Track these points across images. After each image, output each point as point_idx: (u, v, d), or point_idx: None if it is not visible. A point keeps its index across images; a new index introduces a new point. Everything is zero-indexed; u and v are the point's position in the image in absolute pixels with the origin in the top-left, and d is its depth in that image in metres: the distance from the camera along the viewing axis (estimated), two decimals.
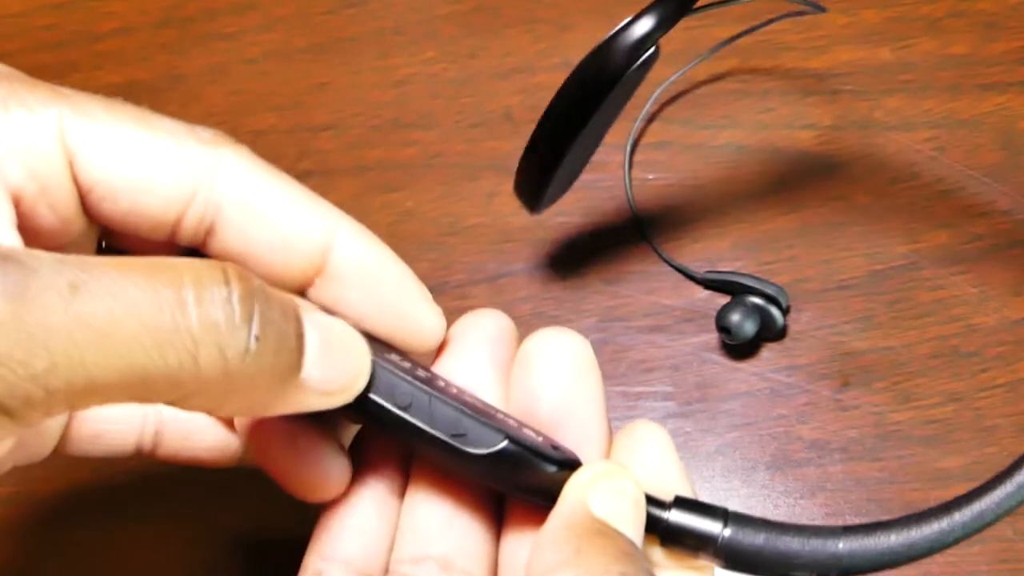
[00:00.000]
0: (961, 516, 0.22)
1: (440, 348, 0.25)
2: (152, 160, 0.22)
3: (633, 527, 0.22)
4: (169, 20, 0.48)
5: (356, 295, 0.24)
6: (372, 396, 0.22)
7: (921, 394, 0.35)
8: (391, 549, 0.24)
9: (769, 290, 0.36)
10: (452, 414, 0.22)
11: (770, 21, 0.40)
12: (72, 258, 0.18)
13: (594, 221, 0.40)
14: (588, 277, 0.39)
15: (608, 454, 0.24)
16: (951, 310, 0.37)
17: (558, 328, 0.24)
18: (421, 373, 0.23)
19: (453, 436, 0.22)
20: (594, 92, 0.32)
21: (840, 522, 0.33)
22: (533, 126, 0.33)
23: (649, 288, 0.39)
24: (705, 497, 0.34)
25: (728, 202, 0.40)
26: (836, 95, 0.42)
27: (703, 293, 0.38)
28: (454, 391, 0.23)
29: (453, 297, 0.39)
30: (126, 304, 0.17)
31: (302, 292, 0.24)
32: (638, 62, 0.32)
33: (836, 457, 0.34)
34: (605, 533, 0.21)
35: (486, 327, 0.25)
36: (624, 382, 0.37)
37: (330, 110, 0.44)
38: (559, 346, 0.24)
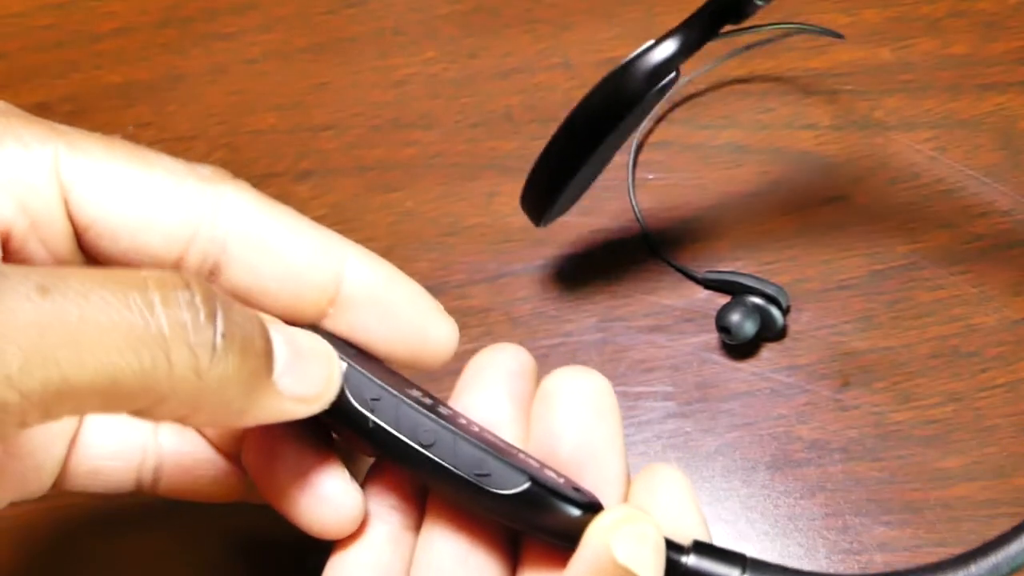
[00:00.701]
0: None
1: (459, 382, 0.25)
2: (151, 198, 0.23)
3: (654, 572, 0.22)
4: (169, 20, 0.48)
5: (370, 319, 0.24)
6: (397, 434, 0.22)
7: (921, 394, 0.35)
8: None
9: (769, 290, 0.36)
10: (476, 453, 0.22)
11: (786, 35, 0.40)
12: (39, 267, 0.18)
13: (594, 221, 0.40)
14: (588, 277, 0.39)
15: (627, 496, 0.24)
16: (951, 310, 0.37)
17: (579, 367, 0.25)
18: (443, 410, 0.23)
19: (477, 476, 0.22)
20: (611, 114, 0.32)
21: (841, 523, 0.33)
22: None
23: (649, 288, 0.39)
24: (705, 497, 0.35)
25: (728, 202, 0.40)
26: (836, 95, 0.42)
27: (703, 293, 0.38)
28: (476, 429, 0.23)
29: (453, 297, 0.39)
30: (96, 305, 0.17)
31: (317, 322, 0.24)
32: (658, 86, 0.31)
33: (836, 457, 0.34)
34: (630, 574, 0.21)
35: (505, 362, 0.25)
36: (624, 382, 0.37)
37: (330, 110, 0.44)
38: (581, 386, 0.24)
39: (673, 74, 0.32)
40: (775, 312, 0.36)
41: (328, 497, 0.24)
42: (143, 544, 0.35)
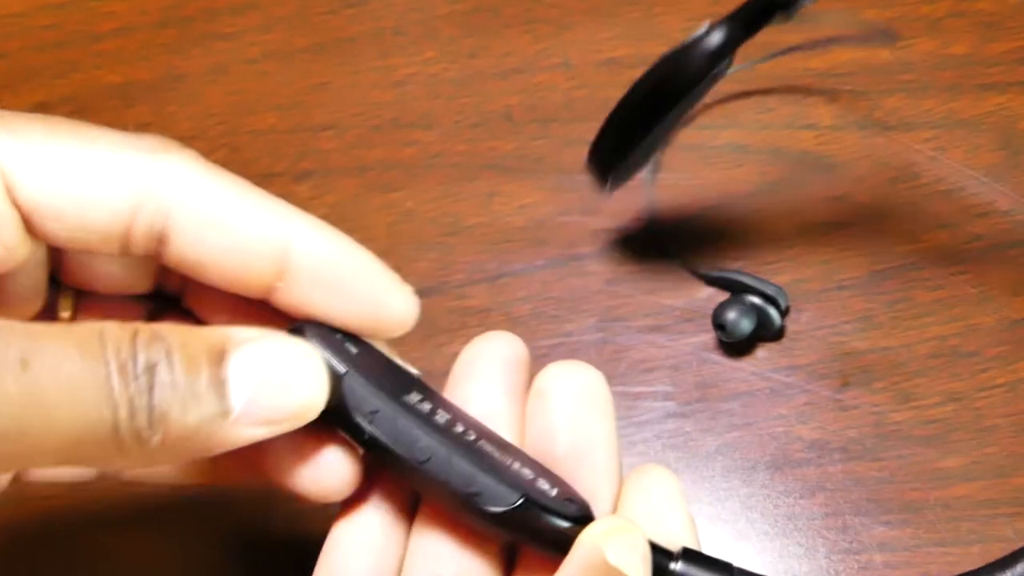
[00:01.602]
0: None
1: (453, 371, 0.25)
2: (92, 175, 0.22)
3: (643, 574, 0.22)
4: (169, 20, 0.48)
5: (323, 292, 0.24)
6: (393, 448, 0.22)
7: (921, 394, 0.35)
8: (400, 571, 0.24)
9: (768, 290, 0.36)
10: (469, 470, 0.22)
11: (833, 40, 0.40)
12: (19, 327, 0.19)
13: (594, 221, 0.40)
14: (588, 277, 0.39)
15: (618, 495, 0.24)
16: (951, 310, 0.37)
17: (573, 362, 0.25)
18: (440, 417, 0.23)
19: (468, 494, 0.22)
20: (667, 94, 0.32)
21: (841, 523, 0.33)
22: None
23: (649, 288, 0.39)
24: (705, 497, 0.35)
25: (728, 202, 0.40)
26: (836, 95, 0.42)
27: (703, 293, 0.38)
28: (472, 438, 0.23)
29: (453, 297, 0.39)
30: (65, 379, 0.19)
31: (268, 296, 0.24)
32: (712, 71, 0.32)
33: (836, 457, 0.34)
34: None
35: (499, 351, 0.25)
36: (624, 382, 0.37)
37: (330, 110, 0.44)
38: (576, 383, 0.24)
39: (726, 61, 0.32)
40: (772, 312, 0.36)
41: (320, 458, 0.24)
42: (135, 543, 0.35)
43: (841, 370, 0.36)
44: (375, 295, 0.24)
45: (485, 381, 0.25)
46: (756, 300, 0.36)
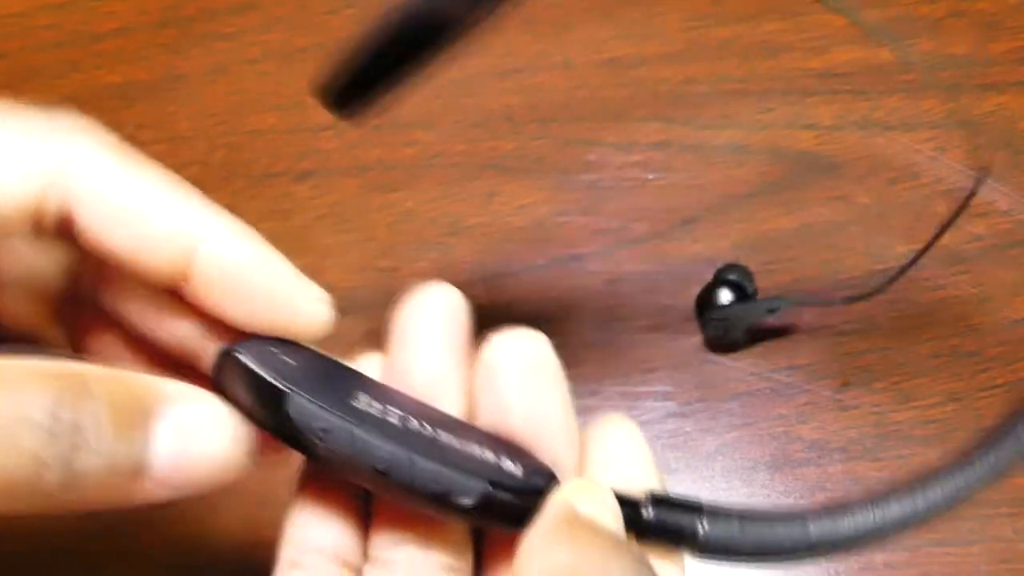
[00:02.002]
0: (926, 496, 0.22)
1: (393, 335, 0.24)
2: None
3: (615, 523, 0.22)
4: (169, 20, 0.48)
5: (229, 294, 0.23)
6: (350, 461, 0.22)
7: (921, 394, 0.35)
8: (368, 537, 0.23)
9: (733, 274, 0.36)
10: (431, 468, 0.22)
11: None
12: None
13: (594, 221, 0.40)
14: (588, 277, 0.39)
15: (583, 451, 0.24)
16: (951, 310, 0.37)
17: (518, 331, 0.24)
18: (392, 417, 0.22)
19: (434, 493, 0.22)
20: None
21: None
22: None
23: (649, 288, 0.39)
24: (706, 497, 0.34)
25: (728, 202, 0.40)
26: (836, 95, 0.42)
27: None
28: (428, 431, 0.23)
29: None
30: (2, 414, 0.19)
31: (177, 291, 0.24)
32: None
33: (836, 457, 0.34)
34: (595, 523, 0.21)
35: (436, 308, 0.24)
36: (624, 382, 0.37)
37: None
38: (523, 352, 0.24)
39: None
40: (745, 283, 0.36)
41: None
42: (129, 544, 0.35)
43: (841, 370, 0.36)
44: (284, 299, 0.23)
45: (427, 345, 0.24)
46: (731, 276, 0.36)
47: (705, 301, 0.36)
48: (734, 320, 0.36)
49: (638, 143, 0.42)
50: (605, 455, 0.24)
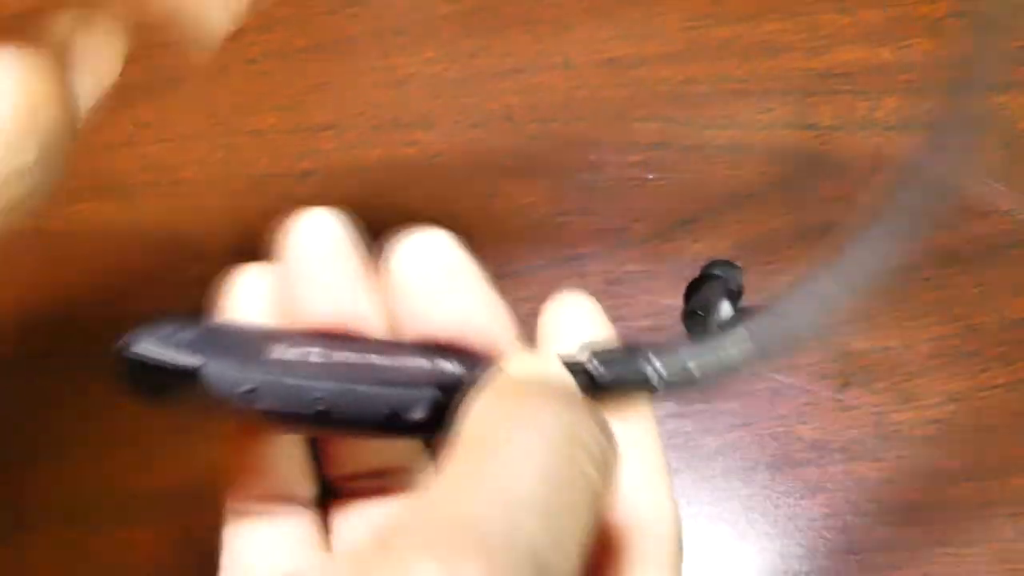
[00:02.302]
0: None
1: (285, 275, 0.23)
2: None
3: (562, 375, 0.22)
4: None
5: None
6: (288, 411, 0.21)
7: (921, 394, 0.35)
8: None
9: (719, 269, 0.36)
10: (371, 393, 0.21)
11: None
12: None
13: (594, 221, 0.40)
14: (588, 277, 0.39)
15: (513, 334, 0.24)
16: (951, 310, 0.37)
17: (419, 233, 0.23)
18: (314, 357, 0.22)
19: (382, 417, 0.21)
20: None
21: (841, 523, 0.33)
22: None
23: (649, 288, 0.39)
24: (706, 497, 0.35)
25: (728, 202, 0.40)
26: (836, 95, 0.42)
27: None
28: (353, 359, 0.22)
29: None
30: None
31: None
32: None
33: (836, 457, 0.34)
34: (542, 382, 0.21)
35: (322, 239, 0.23)
36: None
37: (330, 110, 0.44)
38: (429, 255, 0.23)
39: None
40: (731, 279, 0.36)
41: None
42: (124, 544, 0.35)
43: (841, 370, 0.36)
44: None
45: (324, 277, 0.23)
46: (718, 272, 0.36)
47: (688, 299, 0.36)
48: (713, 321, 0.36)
49: (638, 143, 0.42)
50: (556, 330, 0.24)
